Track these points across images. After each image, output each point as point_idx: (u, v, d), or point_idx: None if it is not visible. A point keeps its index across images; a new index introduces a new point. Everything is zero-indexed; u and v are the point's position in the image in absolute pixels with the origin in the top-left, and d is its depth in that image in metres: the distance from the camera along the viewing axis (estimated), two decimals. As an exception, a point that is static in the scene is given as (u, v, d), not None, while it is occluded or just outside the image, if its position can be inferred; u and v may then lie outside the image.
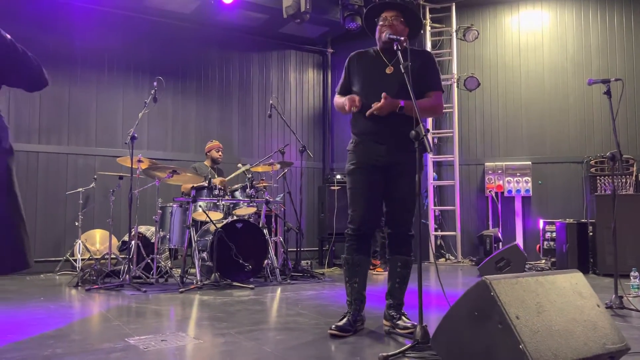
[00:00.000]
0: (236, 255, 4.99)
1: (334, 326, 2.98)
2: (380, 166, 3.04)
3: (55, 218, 6.47)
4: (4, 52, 2.10)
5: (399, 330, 2.99)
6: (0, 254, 2.10)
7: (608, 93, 3.77)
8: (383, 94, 2.85)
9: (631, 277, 4.49)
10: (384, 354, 2.41)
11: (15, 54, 2.14)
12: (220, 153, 6.21)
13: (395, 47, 2.85)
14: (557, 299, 2.07)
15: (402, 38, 2.88)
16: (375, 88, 2.92)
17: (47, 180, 6.46)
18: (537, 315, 1.95)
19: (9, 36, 2.15)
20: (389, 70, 3.01)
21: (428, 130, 2.73)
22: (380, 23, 3.04)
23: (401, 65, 2.77)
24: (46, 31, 6.51)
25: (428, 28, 7.79)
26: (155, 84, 5.18)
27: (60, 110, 6.62)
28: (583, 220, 6.35)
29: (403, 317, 3.06)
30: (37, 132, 6.47)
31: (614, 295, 3.62)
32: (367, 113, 2.92)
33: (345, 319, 3.04)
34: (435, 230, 7.68)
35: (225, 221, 5.19)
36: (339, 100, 3.15)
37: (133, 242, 5.12)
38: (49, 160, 6.49)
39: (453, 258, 7.53)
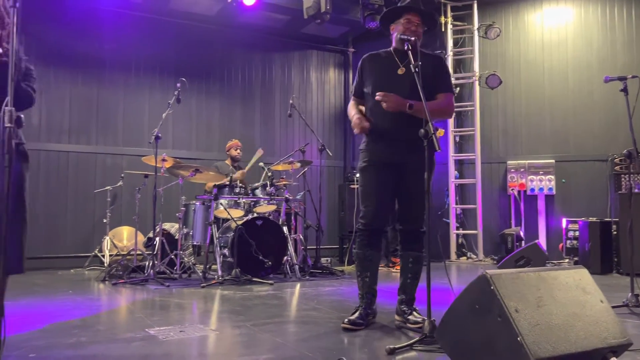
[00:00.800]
0: (256, 252, 5.11)
1: (346, 320, 3.06)
2: (391, 164, 3.10)
3: (85, 215, 6.71)
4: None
5: (409, 325, 3.04)
6: (9, 257, 2.23)
7: (625, 90, 3.75)
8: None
9: (652, 276, 4.42)
10: (391, 346, 2.48)
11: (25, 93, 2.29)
12: (238, 151, 6.34)
13: (405, 47, 2.91)
14: (559, 294, 2.10)
15: (413, 38, 2.93)
16: (387, 89, 2.97)
17: (77, 178, 6.70)
18: (537, 308, 1.99)
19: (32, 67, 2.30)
20: (400, 71, 3.06)
21: (437, 129, 2.78)
22: (405, 25, 3.06)
23: (411, 65, 2.83)
24: (77, 35, 6.77)
25: (450, 26, 7.78)
26: (178, 85, 5.34)
27: (89, 112, 6.86)
28: (607, 219, 6.26)
29: (414, 312, 3.11)
30: (67, 133, 6.72)
31: (630, 294, 3.59)
32: (377, 96, 2.97)
33: (357, 313, 3.11)
34: (457, 228, 7.67)
35: (245, 218, 5.31)
36: (350, 110, 3.24)
37: (157, 239, 5.28)
38: (78, 160, 6.74)
39: (475, 257, 7.51)
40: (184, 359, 2.40)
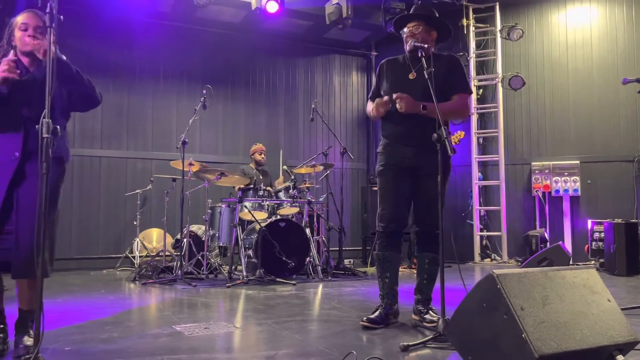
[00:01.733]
0: (279, 253, 5.26)
1: (365, 318, 3.16)
2: (407, 167, 3.19)
3: (116, 218, 6.97)
4: (71, 81, 2.40)
5: (425, 324, 3.12)
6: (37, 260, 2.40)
7: (643, 92, 3.74)
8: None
9: (676, 278, 4.40)
10: (405, 343, 2.57)
11: (77, 76, 2.44)
12: (262, 156, 6.49)
13: (419, 54, 3.01)
14: (566, 293, 2.16)
15: (426, 45, 3.03)
16: (399, 93, 3.08)
17: (108, 182, 6.97)
18: (543, 307, 2.06)
19: (74, 67, 2.46)
20: (411, 75, 3.17)
21: (449, 133, 2.87)
22: (405, 34, 3.20)
23: (425, 72, 2.92)
24: (108, 45, 7.05)
25: (472, 28, 7.80)
26: (204, 92, 5.54)
27: (120, 118, 7.13)
28: (633, 221, 6.20)
29: (430, 312, 3.19)
30: (100, 139, 7.00)
31: (649, 295, 3.60)
32: (394, 96, 3.07)
33: (377, 312, 3.21)
34: (481, 230, 7.67)
35: (269, 220, 5.46)
36: (368, 107, 3.35)
37: (185, 241, 5.48)
38: (110, 164, 7.01)
39: (499, 258, 7.50)
40: (208, 353, 2.54)
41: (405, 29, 3.21)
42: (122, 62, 7.16)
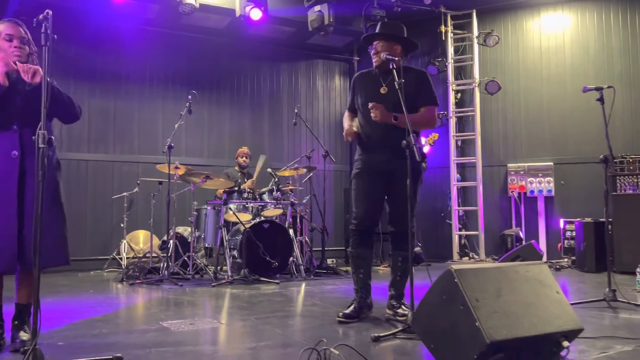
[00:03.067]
0: (263, 253, 5.45)
1: (341, 313, 3.38)
2: (381, 171, 3.42)
3: (103, 220, 7.11)
4: (55, 102, 2.62)
5: (398, 318, 3.34)
6: (53, 251, 2.60)
7: (601, 100, 4.01)
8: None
9: (637, 274, 4.68)
10: (376, 334, 2.78)
11: (58, 96, 2.65)
12: (244, 159, 6.68)
13: (390, 66, 3.23)
14: (518, 286, 2.39)
15: (397, 59, 3.25)
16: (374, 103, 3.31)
17: (95, 185, 7.11)
18: (497, 298, 2.29)
19: (55, 82, 2.66)
20: (383, 90, 3.40)
21: (418, 141, 3.09)
22: (374, 49, 3.44)
23: (395, 83, 3.14)
24: (95, 49, 7.19)
25: (450, 34, 8.05)
26: (189, 97, 5.71)
27: (107, 122, 7.27)
28: (602, 219, 6.48)
29: (403, 306, 3.42)
30: (87, 142, 7.13)
31: (607, 289, 3.85)
32: (370, 105, 3.29)
33: (352, 307, 3.43)
34: (459, 230, 7.92)
35: (253, 222, 5.65)
36: (345, 122, 3.62)
37: (171, 242, 5.65)
38: (97, 168, 7.14)
39: (477, 257, 7.76)
40: (193, 346, 2.73)
41: (373, 46, 3.45)
42: (109, 66, 7.30)
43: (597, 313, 3.60)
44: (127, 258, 6.58)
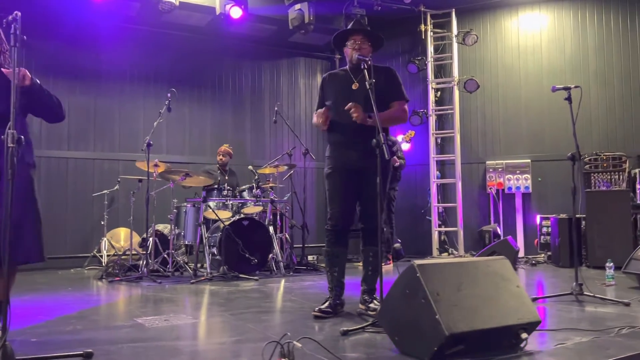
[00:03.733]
0: (242, 250, 5.50)
1: (316, 309, 3.44)
2: (353, 169, 3.48)
3: (84, 218, 7.10)
4: (35, 95, 2.65)
5: (369, 312, 3.42)
6: (27, 248, 2.64)
7: (569, 99, 4.12)
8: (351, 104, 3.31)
9: (607, 268, 4.81)
10: (345, 328, 2.85)
11: (40, 95, 2.68)
12: (221, 157, 6.74)
13: (362, 66, 3.30)
14: (479, 280, 2.47)
15: (368, 58, 3.32)
16: (343, 103, 3.37)
17: (76, 183, 7.10)
18: (457, 292, 2.37)
19: (38, 81, 2.69)
20: (354, 86, 3.47)
21: (389, 139, 3.16)
22: (350, 46, 3.50)
23: (366, 82, 3.21)
24: (75, 48, 7.16)
25: (430, 34, 8.14)
26: (169, 95, 5.74)
27: (87, 119, 7.26)
28: (577, 215, 6.62)
29: (374, 301, 3.49)
30: (67, 140, 7.12)
31: (574, 283, 3.96)
32: (348, 106, 3.34)
33: (327, 303, 3.49)
34: (439, 226, 8.03)
35: (232, 219, 5.69)
36: (314, 119, 3.63)
37: (151, 239, 5.67)
38: (77, 165, 7.13)
39: (456, 252, 7.87)
40: (165, 341, 2.77)
41: (349, 42, 3.50)
42: (89, 64, 7.28)
43: (564, 306, 3.71)
44: (108, 256, 6.59)
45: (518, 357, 2.36)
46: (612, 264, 4.79)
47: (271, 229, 5.90)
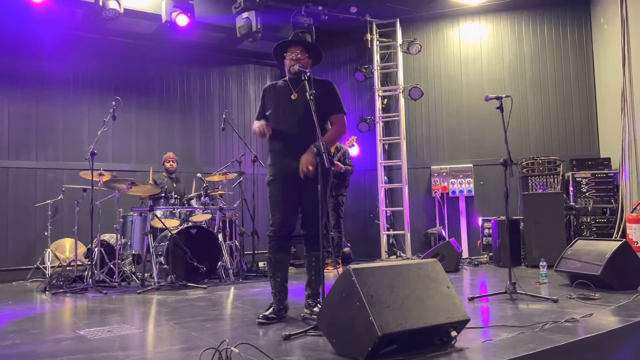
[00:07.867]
0: (190, 259, 5.49)
1: (261, 315, 3.50)
2: (294, 177, 3.57)
3: (26, 229, 6.89)
4: None
5: (314, 316, 3.50)
6: None
7: (500, 108, 4.37)
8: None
9: (540, 267, 5.09)
10: (287, 333, 2.93)
11: None
12: (170, 163, 6.72)
13: (302, 78, 3.40)
14: (410, 282, 2.61)
15: (307, 70, 3.43)
16: (283, 112, 3.49)
17: (16, 193, 6.89)
18: (390, 294, 2.49)
19: None
20: (293, 96, 3.57)
21: (327, 149, 3.26)
22: (289, 57, 3.60)
23: (307, 93, 3.32)
24: (15, 53, 6.97)
25: (376, 43, 8.36)
26: (113, 103, 5.67)
27: (28, 128, 7.06)
28: (515, 217, 6.94)
29: (318, 305, 3.57)
30: (7, 149, 6.90)
31: (508, 282, 4.18)
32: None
33: (270, 309, 3.56)
34: (387, 229, 8.23)
35: (180, 227, 5.67)
36: (254, 126, 3.70)
37: (96, 250, 5.58)
38: (18, 175, 6.92)
39: (404, 255, 8.09)
40: (106, 352, 2.77)
41: (287, 54, 3.60)
42: (31, 70, 7.09)
43: (499, 304, 3.91)
44: (52, 267, 6.43)
45: (448, 354, 2.50)
46: (545, 263, 5.08)
47: (220, 236, 5.91)
